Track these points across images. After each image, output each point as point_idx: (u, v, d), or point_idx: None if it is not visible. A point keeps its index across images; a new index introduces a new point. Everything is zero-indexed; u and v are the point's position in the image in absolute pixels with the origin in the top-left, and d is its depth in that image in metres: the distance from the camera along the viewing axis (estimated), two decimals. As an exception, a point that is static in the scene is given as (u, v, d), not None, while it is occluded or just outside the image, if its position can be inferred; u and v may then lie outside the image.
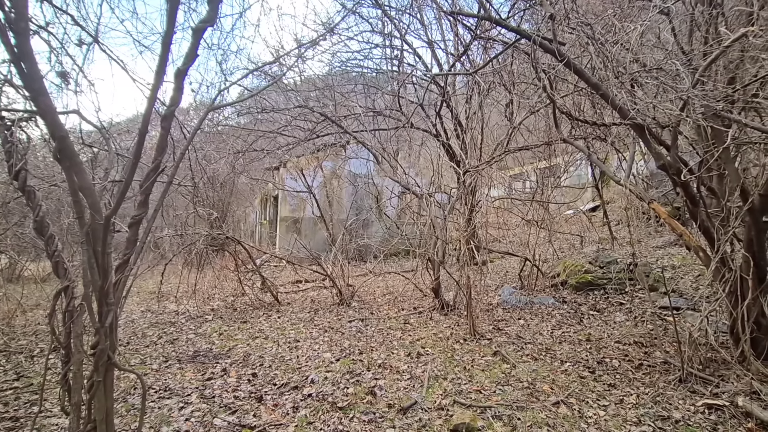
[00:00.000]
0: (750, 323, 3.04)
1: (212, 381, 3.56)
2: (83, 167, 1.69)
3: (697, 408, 2.73)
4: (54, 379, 3.48)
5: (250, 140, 7.95)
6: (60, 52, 2.94)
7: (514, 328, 4.84)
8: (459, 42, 7.25)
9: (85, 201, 1.71)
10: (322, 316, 5.82)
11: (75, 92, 2.77)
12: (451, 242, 6.40)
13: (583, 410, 2.80)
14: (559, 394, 3.02)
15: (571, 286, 6.39)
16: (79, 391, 2.07)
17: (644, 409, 2.76)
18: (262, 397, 3.18)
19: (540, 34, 3.46)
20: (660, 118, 3.30)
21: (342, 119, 7.31)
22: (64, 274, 2.27)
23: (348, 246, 8.35)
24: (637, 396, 2.95)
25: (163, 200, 2.04)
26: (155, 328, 5.64)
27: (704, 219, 3.38)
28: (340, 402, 3.01)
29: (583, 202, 12.23)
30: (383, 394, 3.12)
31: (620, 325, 4.67)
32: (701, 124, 3.09)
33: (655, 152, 3.30)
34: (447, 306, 5.81)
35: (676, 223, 3.69)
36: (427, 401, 2.99)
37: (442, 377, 3.43)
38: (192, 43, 1.93)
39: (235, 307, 6.69)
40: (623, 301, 5.53)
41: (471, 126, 6.88)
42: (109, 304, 1.87)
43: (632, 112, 3.10)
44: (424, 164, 8.08)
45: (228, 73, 4.44)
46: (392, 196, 9.84)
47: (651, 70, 3.50)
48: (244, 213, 21.06)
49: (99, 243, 1.63)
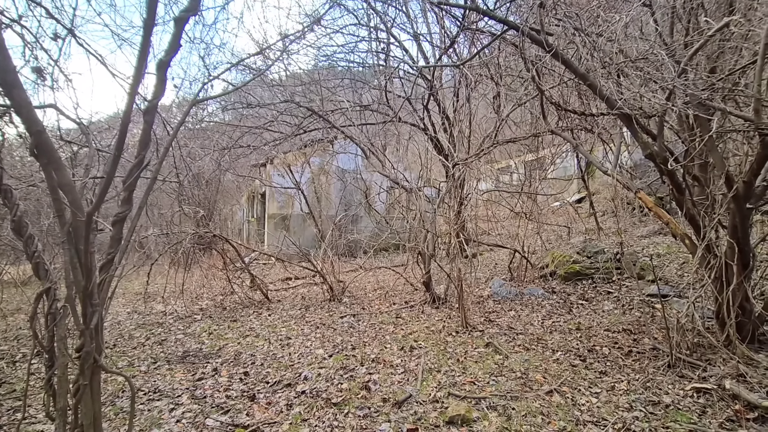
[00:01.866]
0: (735, 308, 3.11)
1: (203, 381, 3.50)
2: (62, 163, 1.62)
3: (686, 392, 2.78)
4: (38, 385, 3.38)
5: (235, 137, 7.81)
6: (34, 47, 2.83)
7: (505, 320, 4.88)
8: (445, 35, 7.23)
9: (65, 198, 1.64)
10: (314, 313, 5.78)
11: (52, 88, 2.67)
12: (441, 236, 6.40)
13: (576, 398, 2.83)
14: (552, 383, 3.05)
15: (559, 276, 6.47)
16: (64, 396, 2.00)
17: (635, 395, 2.80)
18: (255, 396, 3.14)
19: (527, 24, 3.46)
20: (646, 108, 3.33)
21: (329, 114, 7.24)
22: (45, 276, 2.19)
23: (338, 242, 8.30)
24: (627, 382, 2.99)
25: (147, 197, 1.98)
26: (142, 329, 5.53)
27: (690, 207, 3.43)
28: (334, 398, 2.99)
29: (569, 194, 12.39)
30: (378, 388, 3.11)
31: (609, 314, 4.74)
32: (687, 113, 3.13)
33: (642, 142, 3.34)
34: (438, 299, 5.82)
35: (663, 211, 3.74)
36: (422, 394, 2.99)
37: (435, 370, 3.43)
38: (174, 34, 1.86)
39: (225, 306, 6.61)
40: (611, 290, 5.62)
41: (459, 119, 6.88)
42: (93, 305, 1.81)
43: (619, 102, 3.13)
44: (412, 159, 8.06)
45: (211, 67, 4.33)
46: (381, 191, 9.82)
47: (636, 61, 3.53)
48: (230, 211, 20.81)
49: (81, 241, 1.57)
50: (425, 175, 6.86)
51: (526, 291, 6.08)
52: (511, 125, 6.82)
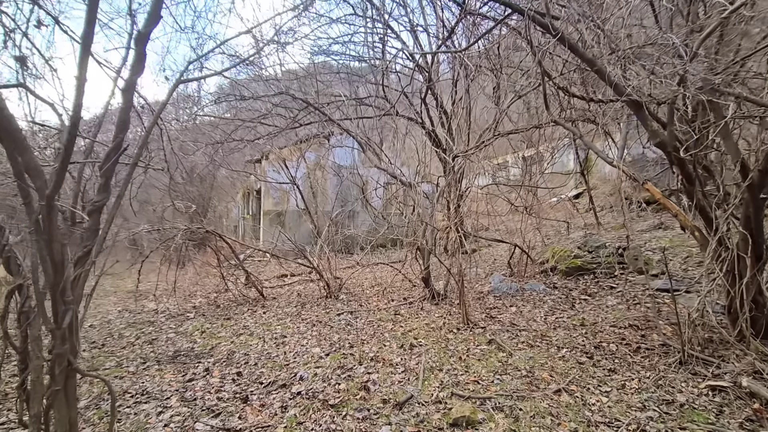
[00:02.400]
0: (748, 302, 2.98)
1: (194, 382, 3.34)
2: (27, 144, 1.45)
3: (701, 390, 2.66)
4: (11, 389, 3.20)
5: (228, 131, 7.61)
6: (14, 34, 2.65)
7: (507, 316, 4.75)
8: (444, 27, 7.06)
9: (31, 184, 1.47)
10: (310, 310, 5.63)
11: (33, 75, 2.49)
12: (440, 231, 6.26)
13: (586, 397, 2.70)
14: (560, 382, 2.91)
15: (560, 271, 6.35)
16: (39, 401, 1.84)
17: (647, 394, 2.67)
18: (248, 398, 2.98)
19: (532, 8, 3.31)
20: (656, 95, 3.19)
21: (324, 107, 7.05)
22: (17, 271, 2.03)
23: (334, 238, 8.13)
24: (638, 380, 2.86)
25: (128, 184, 1.81)
26: (133, 328, 5.36)
27: (700, 198, 3.30)
28: (331, 399, 2.84)
29: (567, 190, 12.28)
30: (377, 388, 2.96)
31: (613, 309, 4.62)
32: (700, 99, 2.99)
33: (652, 130, 3.20)
34: (438, 295, 5.69)
35: (672, 203, 3.62)
36: (424, 394, 2.84)
37: (437, 368, 3.29)
38: (154, 3, 1.69)
39: (218, 304, 6.44)
40: (614, 285, 5.50)
41: (457, 111, 6.72)
42: (67, 303, 1.64)
43: (628, 89, 2.98)
44: (409, 154, 7.90)
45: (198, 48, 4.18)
46: (378, 186, 9.65)
47: (644, 46, 3.38)
48: (226, 208, 20.60)
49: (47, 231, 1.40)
50: (422, 170, 6.71)
51: (527, 286, 5.96)
52: (512, 117, 6.67)
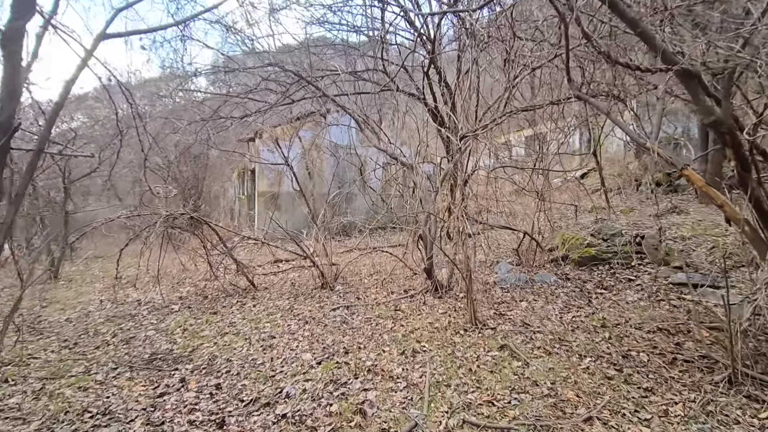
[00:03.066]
0: (811, 311, 2.54)
1: (165, 398, 2.92)
2: None
3: (762, 421, 2.23)
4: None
5: (215, 107, 7.00)
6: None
7: (518, 312, 4.32)
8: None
9: None
10: (303, 303, 5.21)
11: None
12: (444, 220, 5.77)
13: (623, 427, 2.27)
14: (589, 405, 2.49)
15: (573, 261, 5.90)
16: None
17: (696, 425, 2.24)
18: (225, 420, 2.56)
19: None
20: (712, 65, 2.66)
21: (318, 80, 6.44)
22: None
23: (331, 222, 7.65)
24: (683, 404, 2.44)
25: (31, 176, 1.32)
26: (111, 323, 4.94)
27: (755, 187, 2.81)
28: (321, 426, 2.42)
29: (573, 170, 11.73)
30: (375, 412, 2.54)
31: (635, 306, 4.19)
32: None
33: (705, 106, 2.67)
34: (441, 287, 5.24)
35: (716, 192, 3.12)
36: (430, 421, 2.42)
37: (444, 383, 2.87)
38: None
39: (206, 295, 6.01)
40: (632, 277, 5.07)
41: (463, 86, 6.12)
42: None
43: (686, 57, 2.44)
44: (409, 134, 7.33)
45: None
46: (376, 167, 9.10)
47: (697, 3, 2.83)
48: (222, 188, 20.04)
49: None
50: (423, 151, 6.18)
51: (537, 278, 5.52)
52: (522, 93, 6.08)
